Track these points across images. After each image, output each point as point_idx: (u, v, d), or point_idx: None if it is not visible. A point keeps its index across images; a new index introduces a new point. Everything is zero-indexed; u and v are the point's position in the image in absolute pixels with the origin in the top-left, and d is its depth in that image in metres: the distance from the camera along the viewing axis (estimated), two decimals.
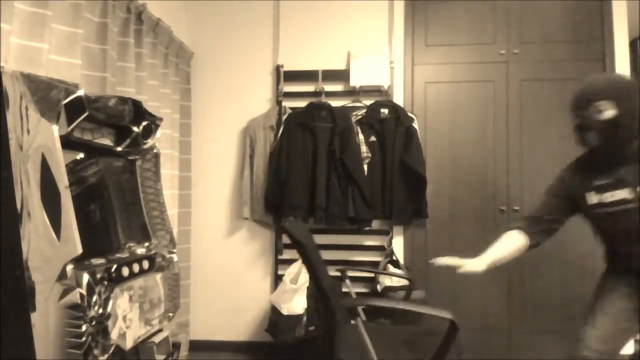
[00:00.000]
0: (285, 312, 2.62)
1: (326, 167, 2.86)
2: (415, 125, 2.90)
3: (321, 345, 2.28)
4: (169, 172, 2.64)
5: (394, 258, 2.93)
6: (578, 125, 1.65)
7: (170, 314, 1.81)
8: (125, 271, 1.47)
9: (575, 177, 1.73)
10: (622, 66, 2.90)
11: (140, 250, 1.71)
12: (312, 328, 2.58)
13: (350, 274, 2.45)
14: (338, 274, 2.36)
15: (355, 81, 3.02)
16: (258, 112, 3.13)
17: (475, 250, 2.92)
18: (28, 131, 1.23)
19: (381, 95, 3.03)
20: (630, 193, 1.60)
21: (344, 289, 2.42)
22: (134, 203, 1.78)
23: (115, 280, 1.41)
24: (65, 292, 1.23)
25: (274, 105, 3.13)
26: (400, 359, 1.74)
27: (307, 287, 2.67)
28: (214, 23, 3.25)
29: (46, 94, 1.27)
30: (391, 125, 2.89)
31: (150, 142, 1.78)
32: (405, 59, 3.08)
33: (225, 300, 3.16)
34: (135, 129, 1.67)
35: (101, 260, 1.42)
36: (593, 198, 1.67)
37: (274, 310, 2.71)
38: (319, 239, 2.37)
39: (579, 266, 2.92)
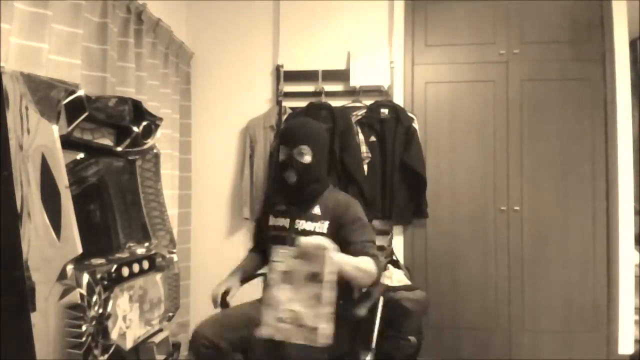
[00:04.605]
0: None
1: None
2: (415, 125, 2.90)
3: None
4: (169, 172, 2.64)
5: (394, 258, 2.92)
6: (283, 161, 1.81)
7: (170, 314, 1.81)
8: (125, 271, 1.47)
9: (269, 200, 1.99)
10: (622, 66, 2.89)
11: (140, 250, 1.71)
12: None
13: None
14: None
15: (355, 81, 3.02)
16: (258, 112, 3.12)
17: (475, 249, 2.95)
18: (28, 131, 1.23)
19: (381, 95, 3.02)
20: (287, 223, 1.82)
21: None
22: (134, 203, 1.78)
23: (115, 280, 1.41)
24: (65, 292, 1.22)
25: (274, 105, 3.13)
26: None
27: None
28: (214, 23, 3.24)
29: (46, 94, 1.26)
30: (391, 125, 2.89)
31: (150, 142, 1.78)
32: (405, 59, 3.08)
33: None
34: (135, 129, 1.67)
35: (101, 260, 1.42)
36: (271, 220, 1.89)
37: None
38: None
39: (579, 266, 2.92)
